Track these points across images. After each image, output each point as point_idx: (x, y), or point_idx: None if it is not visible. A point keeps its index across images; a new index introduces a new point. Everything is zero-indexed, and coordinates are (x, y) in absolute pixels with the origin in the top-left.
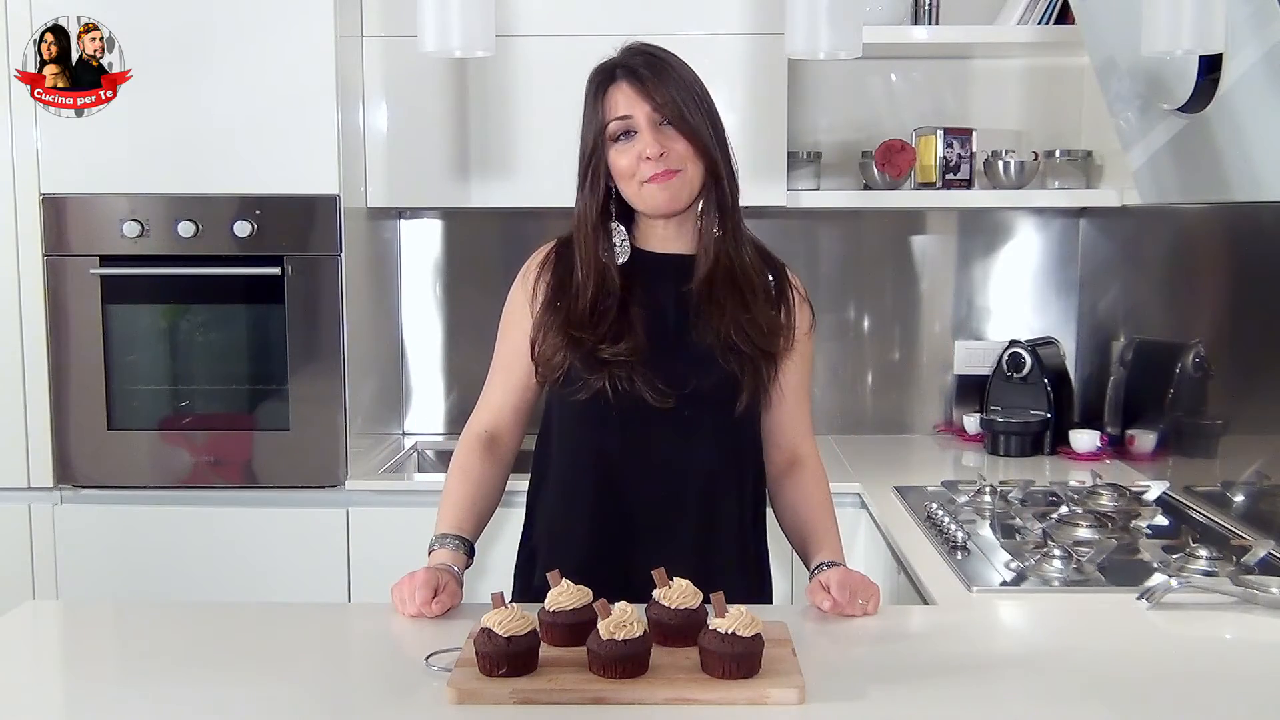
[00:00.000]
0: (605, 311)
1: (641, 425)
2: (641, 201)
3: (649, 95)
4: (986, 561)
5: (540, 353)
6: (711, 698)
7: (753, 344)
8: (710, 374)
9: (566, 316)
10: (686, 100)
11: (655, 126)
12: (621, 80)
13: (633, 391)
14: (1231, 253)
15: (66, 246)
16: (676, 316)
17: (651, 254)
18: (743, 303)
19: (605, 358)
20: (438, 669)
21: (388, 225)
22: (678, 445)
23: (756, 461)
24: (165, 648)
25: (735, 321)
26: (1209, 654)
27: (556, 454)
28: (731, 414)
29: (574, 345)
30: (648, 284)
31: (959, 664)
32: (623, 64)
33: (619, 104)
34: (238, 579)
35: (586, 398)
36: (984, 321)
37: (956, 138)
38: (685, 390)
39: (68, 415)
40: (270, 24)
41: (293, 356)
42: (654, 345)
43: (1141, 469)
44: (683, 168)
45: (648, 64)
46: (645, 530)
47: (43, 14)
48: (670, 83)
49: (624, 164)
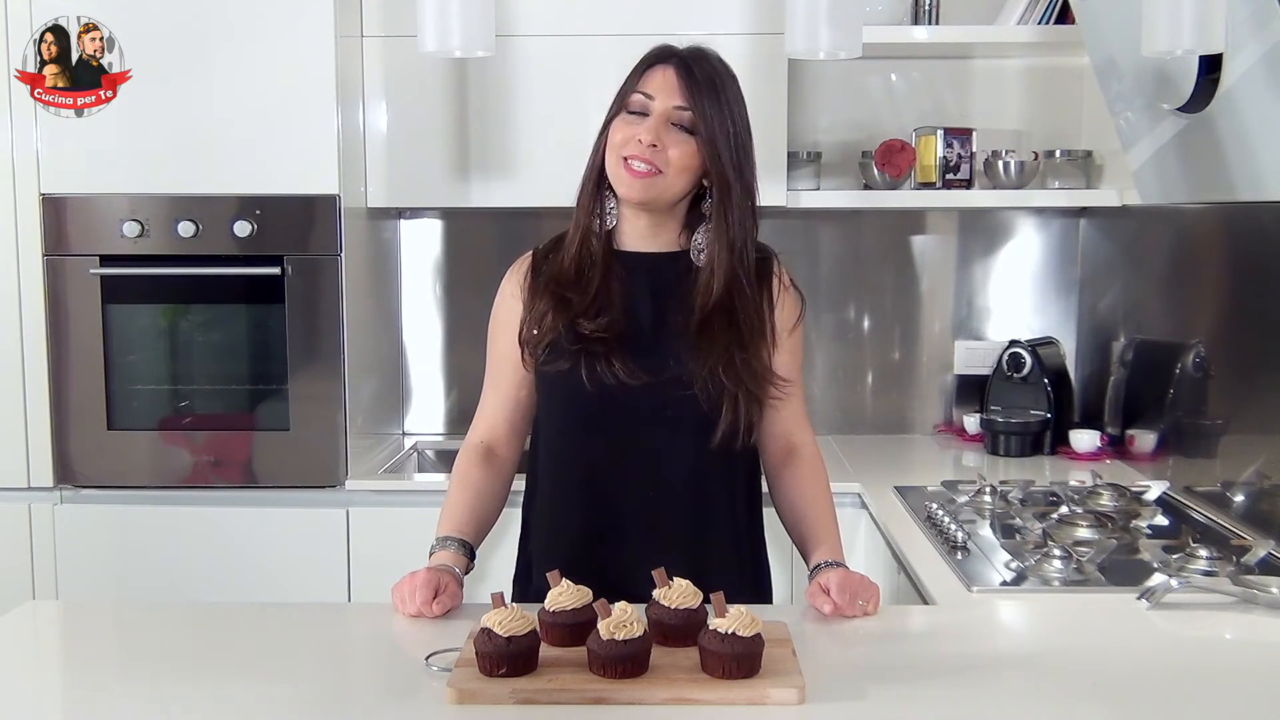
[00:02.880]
0: (589, 279)
1: (625, 425)
2: (615, 178)
3: (683, 92)
4: (986, 561)
5: (529, 314)
6: (711, 698)
7: (740, 383)
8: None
9: (554, 277)
10: (715, 117)
11: (666, 121)
12: (670, 66)
13: (610, 372)
14: (1231, 253)
15: (66, 246)
16: (654, 314)
17: (627, 252)
18: (739, 341)
19: (584, 332)
20: (438, 669)
21: (388, 225)
22: (663, 444)
23: (747, 459)
24: (165, 648)
25: (727, 357)
26: (1209, 654)
27: (544, 461)
28: (709, 438)
29: (560, 306)
30: (625, 279)
31: (959, 664)
32: (684, 56)
33: (653, 83)
34: (238, 579)
35: (561, 377)
36: (984, 321)
37: (956, 138)
38: (660, 379)
39: (68, 415)
40: (270, 24)
41: (293, 356)
42: (632, 330)
43: (1141, 469)
44: (665, 171)
45: (701, 67)
46: (635, 530)
47: (42, 14)
48: (710, 94)
49: (619, 136)
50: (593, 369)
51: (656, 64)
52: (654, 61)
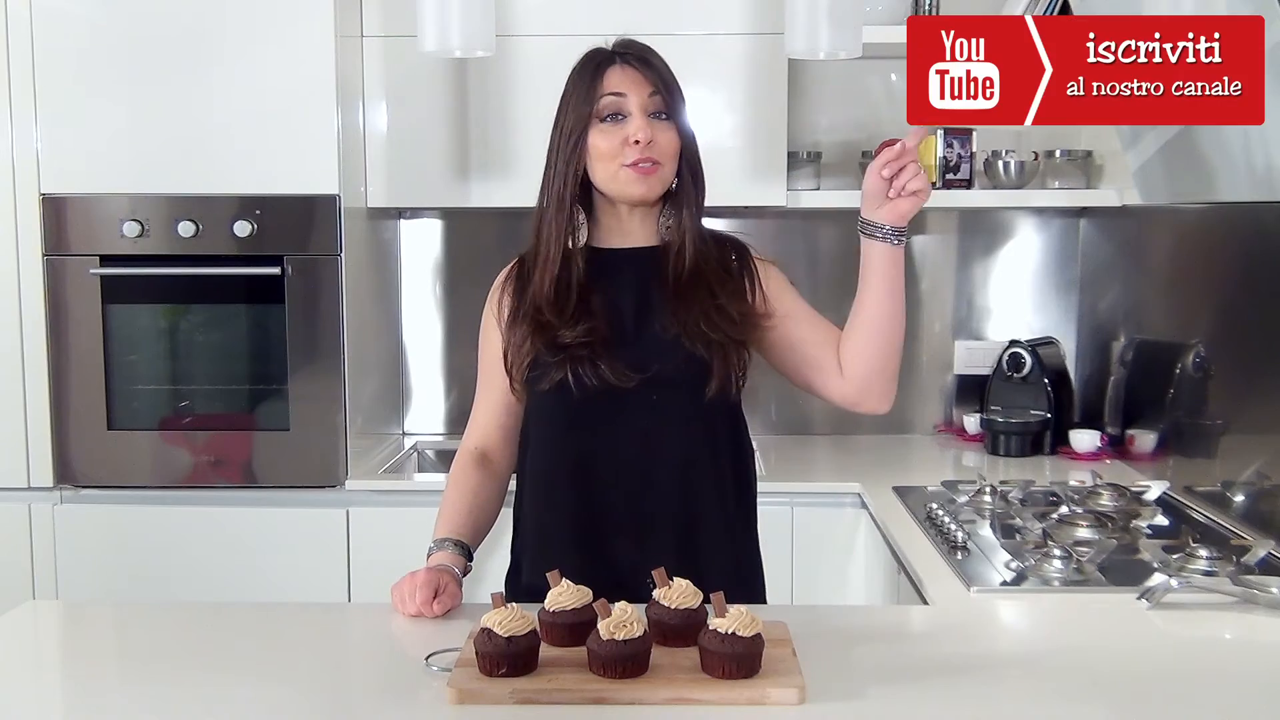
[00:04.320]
0: (567, 298)
1: (611, 417)
2: (616, 186)
3: (647, 81)
4: (986, 561)
5: (509, 344)
6: (711, 698)
7: (723, 332)
8: (674, 358)
9: (530, 302)
10: (675, 97)
11: (646, 115)
12: (620, 64)
13: (597, 375)
14: (1231, 253)
15: (66, 246)
16: (638, 307)
17: (609, 250)
18: (711, 293)
19: (566, 342)
20: (438, 669)
21: (388, 225)
22: (649, 434)
23: (736, 437)
24: (165, 648)
25: (704, 312)
26: (1209, 654)
27: (532, 459)
28: (702, 399)
29: (539, 330)
30: (607, 279)
31: (959, 664)
32: (620, 51)
33: (616, 82)
34: (238, 579)
35: (552, 389)
36: (984, 321)
37: (956, 138)
38: (648, 374)
39: (68, 415)
40: (270, 24)
41: (293, 356)
42: (615, 332)
43: (1141, 469)
44: (664, 162)
45: (643, 56)
46: (624, 524)
47: (42, 14)
48: (664, 76)
49: (606, 146)
50: (579, 375)
51: (606, 66)
52: (602, 64)
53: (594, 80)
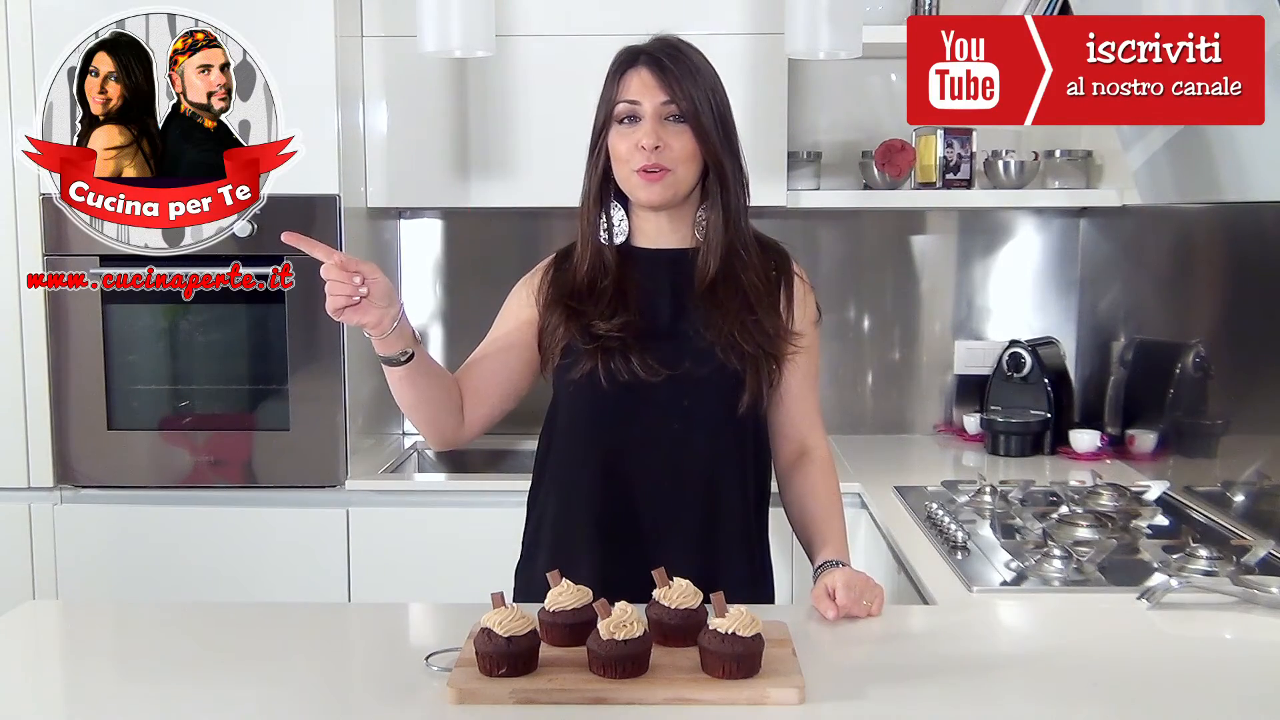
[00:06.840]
0: (602, 290)
1: (641, 417)
2: (629, 189)
3: (664, 87)
4: (986, 561)
5: (543, 328)
6: (711, 698)
7: (757, 344)
8: (707, 363)
9: (567, 290)
10: (701, 100)
11: (660, 119)
12: (642, 66)
13: (627, 369)
14: (1231, 253)
15: (66, 246)
16: (673, 307)
17: (644, 250)
18: (747, 305)
19: (599, 333)
20: (438, 669)
21: (388, 225)
22: (677, 439)
23: (759, 449)
24: (165, 648)
25: (740, 322)
26: (1209, 654)
27: (558, 451)
28: (735, 410)
29: (573, 317)
30: (642, 277)
31: (959, 664)
32: (648, 51)
33: (632, 88)
34: (238, 579)
35: (582, 379)
36: (984, 321)
37: (956, 137)
38: (678, 371)
39: (68, 415)
40: (270, 24)
41: (293, 356)
42: (649, 327)
43: (1141, 469)
44: (674, 168)
45: (671, 56)
46: (649, 521)
47: (42, 14)
48: (688, 79)
49: (622, 149)
50: (609, 367)
51: (628, 68)
52: (625, 66)
53: (614, 82)
